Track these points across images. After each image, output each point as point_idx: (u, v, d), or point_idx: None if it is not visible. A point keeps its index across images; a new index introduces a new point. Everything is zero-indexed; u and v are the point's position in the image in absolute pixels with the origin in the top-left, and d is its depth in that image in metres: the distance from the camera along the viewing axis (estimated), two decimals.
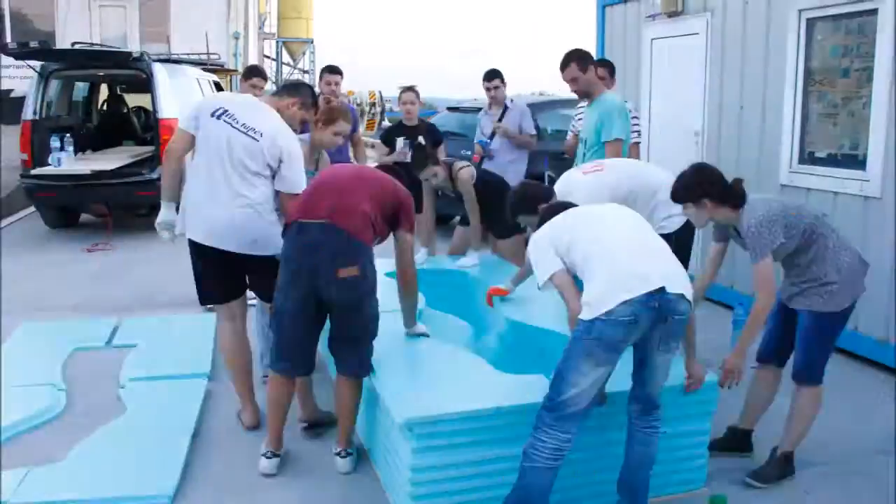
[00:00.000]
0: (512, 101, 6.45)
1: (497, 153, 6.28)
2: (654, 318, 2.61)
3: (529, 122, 6.41)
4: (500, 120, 6.28)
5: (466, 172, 4.80)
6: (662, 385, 2.84)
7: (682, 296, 2.65)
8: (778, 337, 3.37)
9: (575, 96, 4.69)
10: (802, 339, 3.21)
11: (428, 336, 3.58)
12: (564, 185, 3.85)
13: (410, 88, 6.21)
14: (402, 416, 2.74)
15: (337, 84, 6.03)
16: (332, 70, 6.07)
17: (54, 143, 8.34)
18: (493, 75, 6.34)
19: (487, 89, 6.37)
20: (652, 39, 6.60)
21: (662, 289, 2.59)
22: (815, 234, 3.10)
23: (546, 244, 2.87)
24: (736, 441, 3.46)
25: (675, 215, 3.70)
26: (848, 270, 3.11)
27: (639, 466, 2.86)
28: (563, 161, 6.91)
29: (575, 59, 4.27)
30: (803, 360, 3.23)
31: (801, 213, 3.12)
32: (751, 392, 3.49)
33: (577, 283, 2.80)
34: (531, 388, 2.92)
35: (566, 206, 3.11)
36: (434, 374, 3.21)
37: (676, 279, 2.67)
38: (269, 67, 28.90)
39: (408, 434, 2.74)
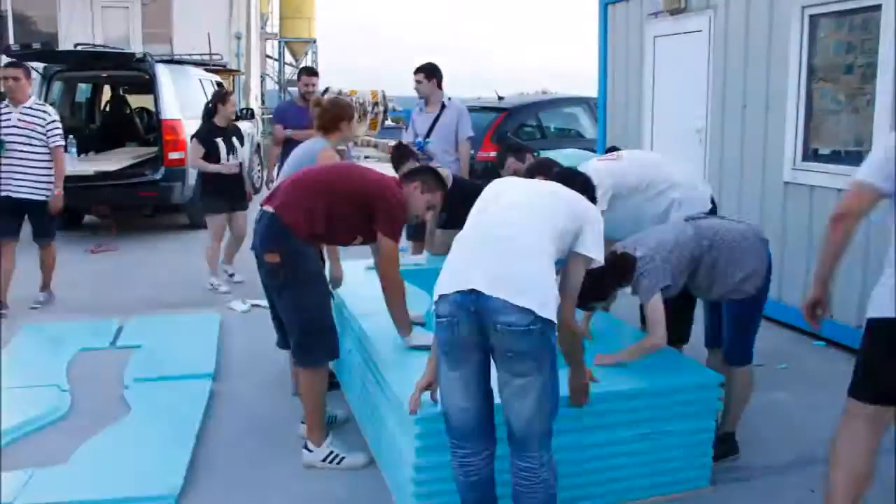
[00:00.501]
0: (450, 99, 6.10)
1: (436, 154, 5.89)
2: (477, 324, 2.29)
3: (467, 123, 6.02)
4: (436, 119, 5.94)
5: (444, 174, 4.83)
6: (525, 421, 2.35)
7: (508, 304, 2.23)
8: (715, 325, 3.50)
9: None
10: (728, 326, 3.36)
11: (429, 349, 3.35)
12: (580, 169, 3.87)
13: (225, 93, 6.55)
14: (415, 413, 2.71)
15: (314, 85, 6.79)
16: (310, 72, 6.96)
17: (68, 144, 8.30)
18: (418, 70, 5.94)
19: (417, 82, 5.99)
20: (654, 37, 6.58)
21: (478, 291, 2.27)
22: (701, 255, 3.22)
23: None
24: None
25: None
26: (745, 262, 3.22)
27: None
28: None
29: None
30: (732, 345, 3.36)
31: (681, 251, 3.19)
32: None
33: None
34: None
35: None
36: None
37: (511, 284, 2.27)
38: (272, 67, 28.92)
39: (412, 432, 2.74)
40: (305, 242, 3.20)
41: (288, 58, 29.97)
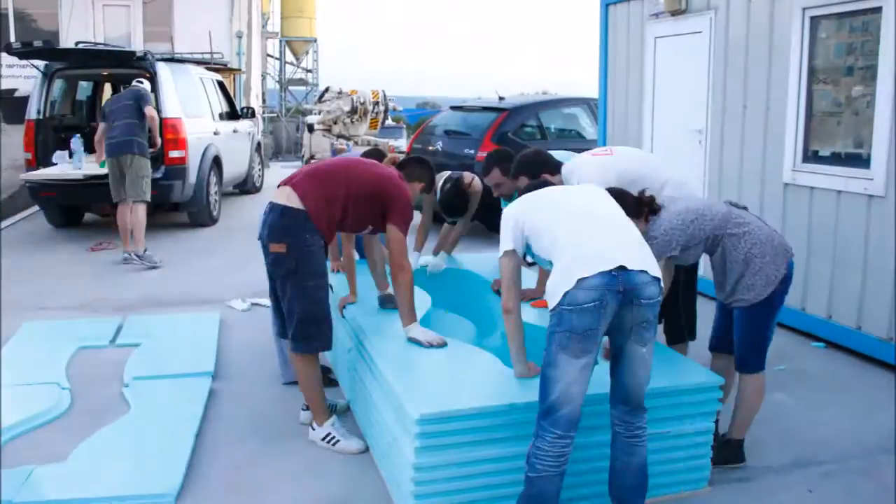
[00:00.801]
0: None
1: None
2: (622, 302, 2.52)
3: None
4: None
5: (479, 184, 4.79)
6: (646, 383, 2.68)
7: (647, 275, 2.53)
8: (722, 327, 3.49)
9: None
10: (737, 333, 3.36)
11: (422, 345, 3.36)
12: (571, 165, 3.84)
13: None
14: (416, 412, 2.71)
15: None
16: None
17: (75, 145, 8.21)
18: None
19: None
20: (655, 38, 6.59)
21: (624, 268, 2.50)
22: (720, 237, 3.23)
23: (512, 219, 2.86)
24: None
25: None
26: (760, 262, 3.19)
27: (624, 478, 2.74)
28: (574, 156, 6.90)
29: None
30: (741, 351, 3.36)
31: (703, 223, 3.22)
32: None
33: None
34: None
35: (544, 184, 3.21)
36: (444, 370, 3.19)
37: (647, 259, 2.61)
38: (273, 66, 28.92)
39: (412, 432, 2.74)
40: (316, 235, 3.32)
41: (289, 57, 29.99)
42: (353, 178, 3.43)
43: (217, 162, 9.45)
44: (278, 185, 3.45)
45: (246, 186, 11.87)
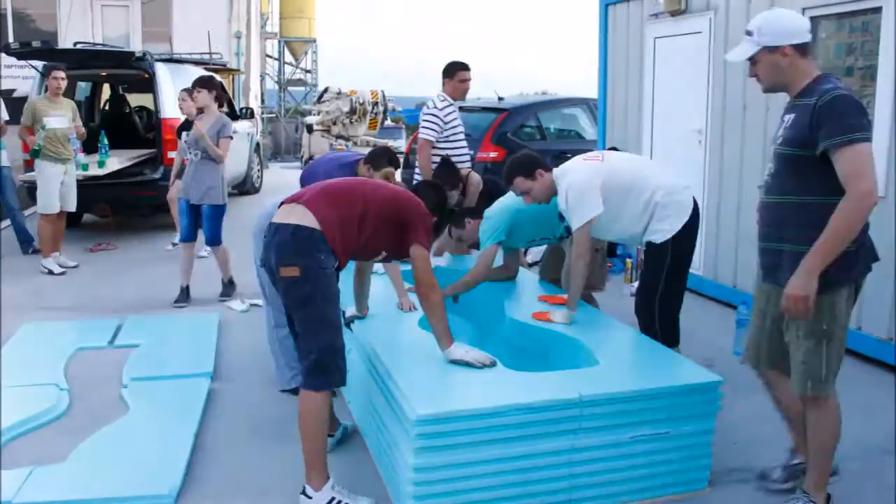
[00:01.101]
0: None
1: None
2: None
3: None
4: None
5: (476, 178, 4.78)
6: None
7: None
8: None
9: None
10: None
11: (472, 365, 3.12)
12: (563, 167, 3.86)
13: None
14: (415, 412, 2.70)
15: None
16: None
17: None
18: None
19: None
20: (655, 38, 6.59)
21: None
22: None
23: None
24: None
25: (671, 217, 3.70)
26: None
27: None
28: (567, 161, 6.90)
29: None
30: None
31: None
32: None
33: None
34: (544, 386, 2.94)
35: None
36: (444, 371, 3.16)
37: None
38: (272, 67, 28.91)
39: (411, 432, 2.74)
40: (332, 256, 2.97)
41: (288, 57, 29.97)
42: (370, 196, 3.10)
43: None
44: (280, 204, 3.13)
45: (245, 187, 11.87)
